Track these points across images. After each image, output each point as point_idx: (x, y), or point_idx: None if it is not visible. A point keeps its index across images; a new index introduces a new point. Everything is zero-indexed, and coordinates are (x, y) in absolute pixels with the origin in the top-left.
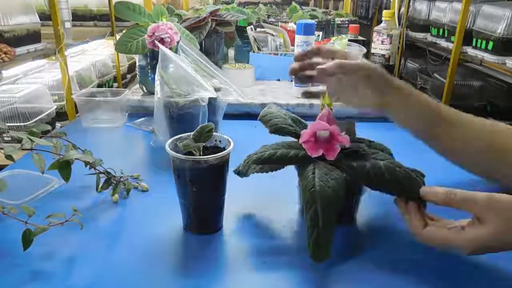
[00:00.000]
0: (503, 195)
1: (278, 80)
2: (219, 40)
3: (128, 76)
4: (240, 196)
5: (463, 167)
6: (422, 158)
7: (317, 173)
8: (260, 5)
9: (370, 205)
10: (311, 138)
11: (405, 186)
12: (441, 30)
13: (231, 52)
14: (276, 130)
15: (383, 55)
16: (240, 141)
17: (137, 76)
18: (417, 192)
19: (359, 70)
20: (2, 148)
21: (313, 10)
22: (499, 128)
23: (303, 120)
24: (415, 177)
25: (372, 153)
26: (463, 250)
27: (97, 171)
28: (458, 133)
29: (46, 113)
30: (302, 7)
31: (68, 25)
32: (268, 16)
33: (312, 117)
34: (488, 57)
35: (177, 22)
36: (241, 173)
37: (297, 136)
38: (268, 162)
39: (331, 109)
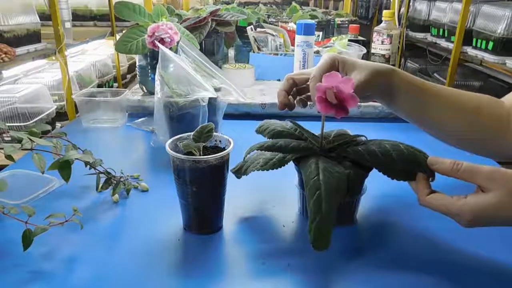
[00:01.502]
0: (509, 170)
1: (278, 80)
2: (219, 40)
3: (128, 76)
4: (240, 196)
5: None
6: None
7: (320, 164)
8: (260, 5)
9: (370, 204)
10: (323, 95)
11: (412, 161)
12: (441, 30)
13: (231, 52)
14: (274, 134)
15: (383, 55)
16: (240, 141)
17: (137, 76)
18: (422, 164)
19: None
20: (2, 148)
21: (313, 10)
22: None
23: (302, 126)
24: (419, 150)
25: (373, 140)
26: (462, 218)
27: (97, 171)
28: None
29: (46, 113)
30: (302, 7)
31: (68, 25)
32: (268, 16)
33: (312, 117)
34: (488, 57)
35: (177, 22)
36: (240, 172)
37: (296, 137)
38: (271, 150)
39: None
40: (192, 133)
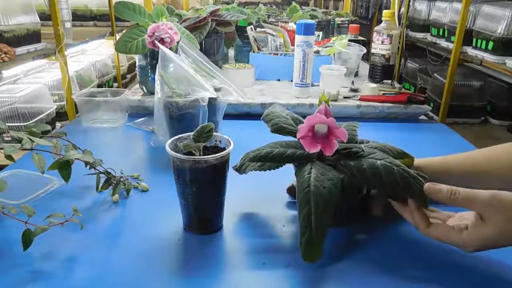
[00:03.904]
0: (507, 193)
1: (278, 80)
2: (219, 40)
3: (128, 76)
4: (240, 196)
5: None
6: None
7: (313, 173)
8: (260, 5)
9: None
10: (308, 133)
11: (402, 185)
12: (441, 30)
13: (231, 52)
14: (277, 130)
15: (383, 55)
16: (240, 141)
17: (137, 76)
18: (414, 190)
19: None
20: (2, 148)
21: (313, 10)
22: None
23: (304, 120)
24: (413, 176)
25: (370, 153)
26: (466, 249)
27: (97, 171)
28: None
29: (46, 113)
30: (302, 7)
31: (68, 25)
32: (268, 16)
33: None
34: (488, 57)
35: (177, 22)
36: (240, 170)
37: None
38: (265, 160)
39: (328, 105)
40: (192, 133)
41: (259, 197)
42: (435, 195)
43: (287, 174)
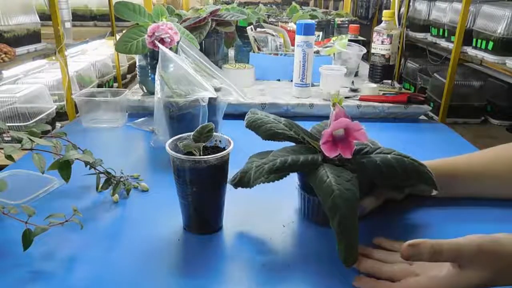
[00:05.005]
0: (492, 245)
1: (278, 80)
2: (219, 40)
3: (128, 76)
4: (240, 195)
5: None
6: (423, 158)
7: (330, 176)
8: (260, 5)
9: None
10: (329, 138)
11: (415, 174)
12: (441, 30)
13: (231, 52)
14: (271, 135)
15: (383, 55)
16: (240, 141)
17: (137, 76)
18: (426, 178)
19: None
20: (2, 148)
21: (313, 10)
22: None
23: (296, 123)
24: (421, 164)
25: (375, 149)
26: None
27: (97, 171)
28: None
29: (46, 113)
30: (302, 7)
31: (68, 25)
32: (268, 16)
33: (312, 117)
34: (488, 57)
35: (177, 22)
36: (241, 183)
37: (296, 140)
38: (282, 171)
39: (341, 106)
40: (192, 133)
41: (259, 197)
42: (416, 258)
43: (286, 175)
